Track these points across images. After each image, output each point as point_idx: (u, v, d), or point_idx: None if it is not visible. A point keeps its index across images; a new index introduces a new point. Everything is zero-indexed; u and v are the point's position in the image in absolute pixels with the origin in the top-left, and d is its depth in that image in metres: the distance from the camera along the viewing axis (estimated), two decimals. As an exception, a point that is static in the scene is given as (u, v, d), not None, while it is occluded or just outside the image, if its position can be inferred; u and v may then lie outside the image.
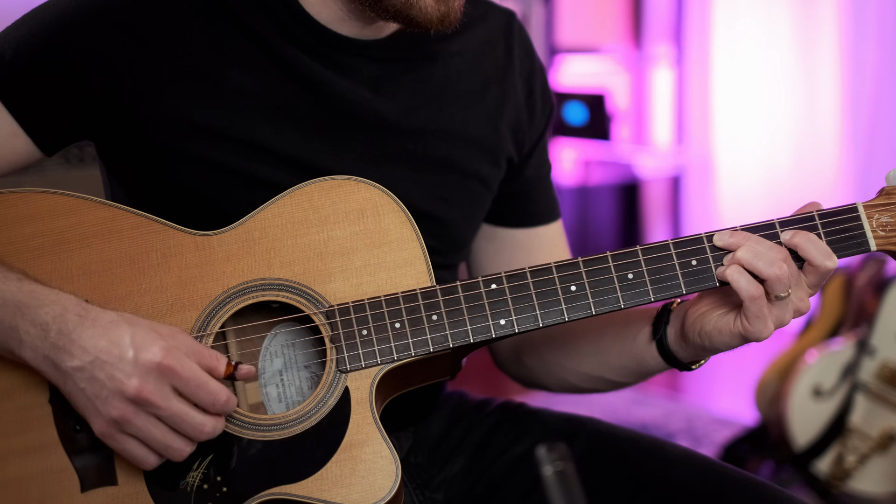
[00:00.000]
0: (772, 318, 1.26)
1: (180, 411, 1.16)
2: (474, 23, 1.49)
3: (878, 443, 2.92)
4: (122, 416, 1.15)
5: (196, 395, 1.17)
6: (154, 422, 1.17)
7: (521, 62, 1.52)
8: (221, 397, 1.18)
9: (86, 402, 1.17)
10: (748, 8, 5.25)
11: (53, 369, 1.18)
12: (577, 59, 5.42)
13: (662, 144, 5.72)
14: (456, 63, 1.46)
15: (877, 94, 4.87)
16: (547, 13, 4.97)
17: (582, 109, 5.07)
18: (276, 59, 1.36)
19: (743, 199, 5.33)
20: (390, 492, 1.23)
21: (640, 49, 5.70)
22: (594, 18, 5.63)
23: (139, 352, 1.15)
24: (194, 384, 1.17)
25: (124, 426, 1.16)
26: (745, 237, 1.26)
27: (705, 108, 5.46)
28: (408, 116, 1.41)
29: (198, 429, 1.17)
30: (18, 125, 1.33)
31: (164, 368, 1.15)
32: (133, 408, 1.15)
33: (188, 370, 1.16)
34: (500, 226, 1.57)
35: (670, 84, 5.66)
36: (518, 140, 1.51)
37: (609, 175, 5.43)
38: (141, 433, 1.17)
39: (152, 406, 1.15)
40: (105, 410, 1.16)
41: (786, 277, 1.24)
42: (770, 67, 5.20)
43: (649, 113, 5.75)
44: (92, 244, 1.27)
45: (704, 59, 5.43)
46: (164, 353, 1.15)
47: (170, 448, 1.18)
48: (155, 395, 1.15)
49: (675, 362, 1.38)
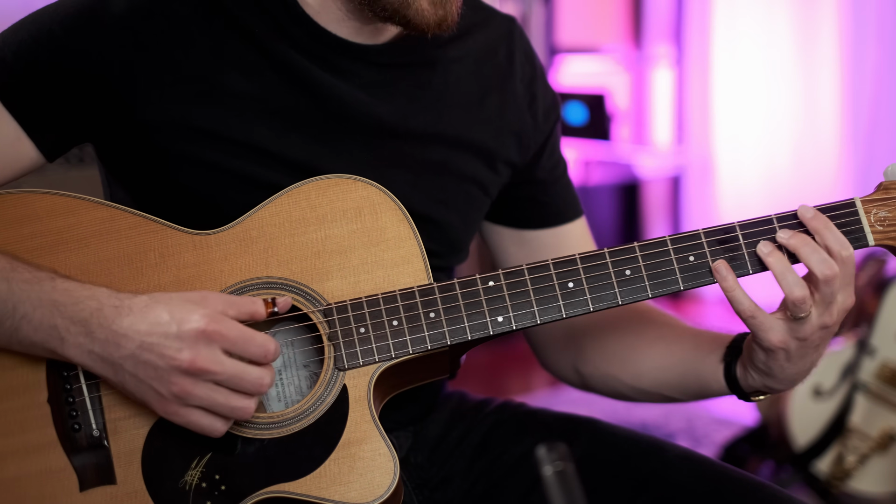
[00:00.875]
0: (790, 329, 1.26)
1: (237, 370, 1.18)
2: (475, 29, 1.49)
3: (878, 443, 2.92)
4: (182, 389, 1.17)
5: (246, 351, 1.18)
6: (213, 387, 1.18)
7: (522, 68, 1.52)
8: (271, 347, 1.20)
9: (142, 387, 1.18)
10: (748, 8, 5.25)
11: (101, 363, 1.19)
12: (577, 59, 5.42)
13: (662, 144, 5.72)
14: (456, 69, 1.46)
15: (877, 94, 4.87)
16: (547, 13, 4.97)
17: (582, 109, 5.07)
18: (274, 61, 1.36)
19: (743, 199, 5.32)
20: (388, 489, 1.23)
21: (640, 49, 5.70)
22: (594, 18, 5.63)
23: (182, 324, 1.16)
24: (242, 341, 1.18)
25: (186, 399, 1.17)
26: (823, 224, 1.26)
27: (705, 108, 5.45)
28: (406, 121, 1.41)
29: (258, 383, 1.19)
30: (22, 130, 1.33)
31: (209, 334, 1.17)
32: (191, 379, 1.17)
33: (233, 329, 1.18)
34: (526, 229, 1.58)
35: (670, 84, 5.66)
36: (522, 145, 1.51)
37: (609, 175, 5.42)
38: (204, 402, 1.18)
39: (208, 373, 1.17)
40: (164, 388, 1.17)
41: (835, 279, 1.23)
42: (770, 67, 5.20)
43: (649, 113, 5.75)
44: (90, 244, 1.27)
45: (704, 59, 5.43)
46: (206, 320, 1.17)
47: (235, 409, 1.19)
48: (208, 362, 1.16)
49: (736, 388, 1.38)
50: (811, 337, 1.26)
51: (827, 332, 1.27)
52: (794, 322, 1.25)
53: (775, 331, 1.26)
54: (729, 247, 1.28)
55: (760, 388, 1.35)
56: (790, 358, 1.28)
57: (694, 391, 1.44)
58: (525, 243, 1.57)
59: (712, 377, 1.39)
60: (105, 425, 1.25)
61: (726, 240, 1.28)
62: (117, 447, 1.24)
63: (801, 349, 1.27)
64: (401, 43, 1.41)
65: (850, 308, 1.27)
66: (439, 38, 1.43)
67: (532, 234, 1.57)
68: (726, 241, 1.28)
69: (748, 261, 1.28)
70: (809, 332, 1.26)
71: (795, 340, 1.26)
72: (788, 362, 1.28)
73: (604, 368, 1.52)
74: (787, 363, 1.29)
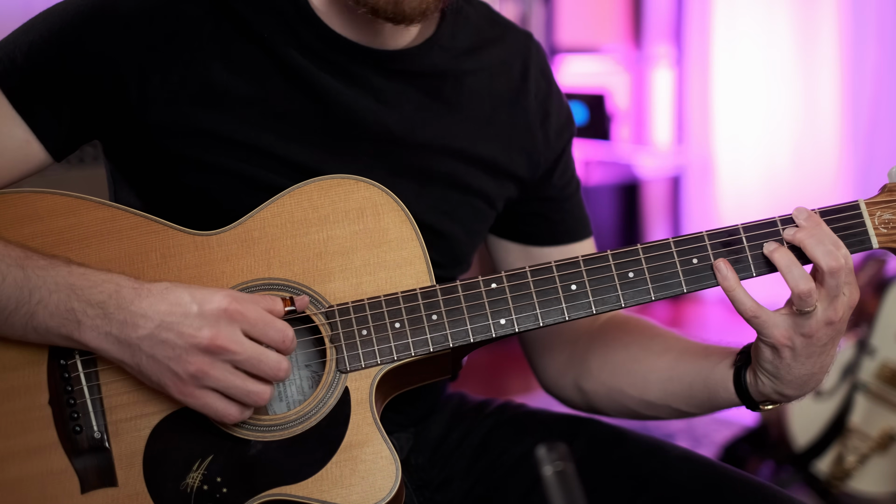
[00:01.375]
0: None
1: (256, 352, 1.18)
2: (491, 43, 1.48)
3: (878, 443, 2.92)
4: (200, 368, 1.17)
5: (266, 335, 1.19)
6: (231, 369, 1.18)
7: (537, 84, 1.51)
8: (289, 333, 1.20)
9: (158, 367, 1.18)
10: (748, 8, 5.25)
11: (118, 345, 1.18)
12: (577, 59, 5.42)
13: (662, 144, 5.72)
14: (469, 81, 1.45)
15: (877, 94, 4.87)
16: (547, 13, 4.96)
17: (582, 109, 5.07)
18: (282, 66, 1.35)
19: (743, 199, 5.32)
20: (390, 492, 1.22)
21: (640, 49, 5.70)
22: (594, 18, 5.63)
23: (203, 304, 1.17)
24: (262, 323, 1.18)
25: (203, 379, 1.17)
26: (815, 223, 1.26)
27: (705, 108, 5.45)
28: (413, 131, 1.40)
29: (275, 367, 1.19)
30: (31, 132, 1.32)
31: (231, 313, 1.17)
32: (209, 358, 1.17)
33: (254, 311, 1.18)
34: (533, 245, 1.57)
35: (670, 84, 5.66)
36: (532, 162, 1.50)
37: (609, 175, 5.42)
38: (220, 383, 1.18)
39: (228, 352, 1.17)
40: (181, 368, 1.17)
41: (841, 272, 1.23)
42: (770, 67, 5.20)
43: (649, 113, 5.75)
44: (91, 244, 1.27)
45: (704, 59, 5.43)
46: (228, 300, 1.17)
47: (251, 393, 1.19)
48: (229, 341, 1.16)
49: (746, 398, 1.36)
50: (817, 333, 1.25)
51: (832, 330, 1.26)
52: (799, 317, 1.25)
53: (779, 327, 1.25)
54: (732, 249, 1.28)
55: (770, 395, 1.33)
56: (797, 356, 1.27)
57: (701, 401, 1.42)
58: (531, 259, 1.55)
59: (721, 385, 1.38)
60: (106, 427, 1.24)
61: (730, 242, 1.28)
62: (119, 449, 1.24)
63: (807, 347, 1.26)
64: (414, 51, 1.40)
65: (855, 304, 1.27)
66: (452, 50, 1.42)
67: (539, 250, 1.56)
68: (730, 243, 1.28)
69: (752, 263, 1.28)
70: (815, 327, 1.25)
71: (801, 337, 1.26)
72: (795, 361, 1.28)
73: (609, 382, 1.50)
74: (794, 362, 1.28)
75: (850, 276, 1.25)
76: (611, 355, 1.50)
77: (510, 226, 1.56)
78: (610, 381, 1.50)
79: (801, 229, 1.26)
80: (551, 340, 1.56)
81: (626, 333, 1.51)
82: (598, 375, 1.51)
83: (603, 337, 1.52)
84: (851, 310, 1.27)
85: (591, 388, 1.52)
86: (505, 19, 1.53)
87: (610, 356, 1.50)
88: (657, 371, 1.46)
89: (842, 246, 1.25)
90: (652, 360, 1.47)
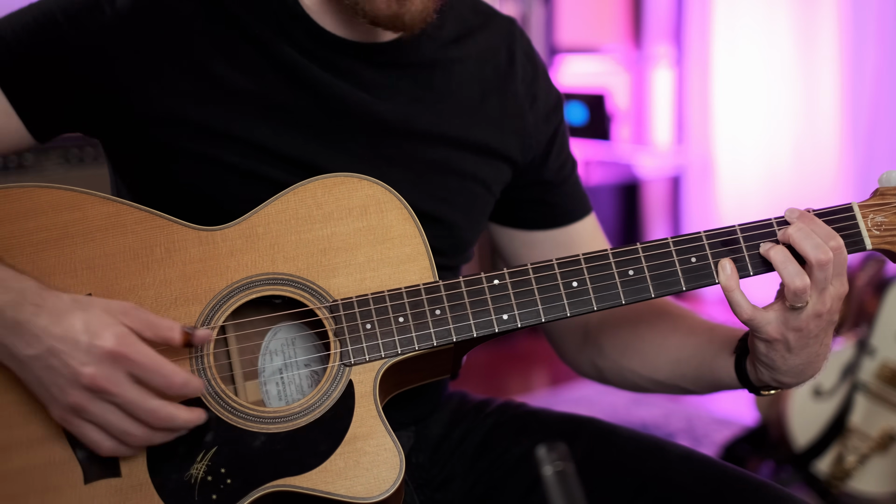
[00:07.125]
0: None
1: (134, 398, 1.16)
2: (475, 30, 1.50)
3: (878, 443, 2.92)
4: (78, 403, 1.15)
5: (151, 380, 1.16)
6: (110, 408, 1.16)
7: (523, 68, 1.53)
8: (176, 380, 1.16)
9: (42, 389, 1.17)
10: (748, 8, 5.25)
11: (10, 357, 1.18)
12: (577, 59, 5.42)
13: (662, 144, 5.72)
14: (457, 70, 1.47)
15: (877, 94, 4.87)
16: (547, 13, 4.97)
17: (582, 109, 5.07)
18: (274, 60, 1.36)
19: (743, 199, 5.33)
20: (394, 484, 1.23)
21: (640, 49, 5.71)
22: (594, 18, 5.63)
23: (93, 338, 1.14)
24: (149, 369, 1.16)
25: (81, 413, 1.16)
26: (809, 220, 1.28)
27: (705, 108, 5.46)
28: (408, 121, 1.41)
29: (152, 414, 1.16)
30: (12, 107, 1.34)
31: (116, 355, 1.14)
32: (88, 395, 1.15)
33: (141, 355, 1.15)
34: (537, 230, 1.58)
35: (670, 84, 5.66)
36: (525, 145, 1.52)
37: (609, 175, 5.42)
38: (97, 419, 1.17)
39: (107, 393, 1.15)
40: (62, 398, 1.16)
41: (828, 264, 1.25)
42: (770, 67, 5.20)
43: (649, 113, 5.75)
44: (95, 239, 1.28)
45: (704, 59, 5.43)
46: (116, 340, 1.15)
47: (126, 434, 1.17)
48: (109, 383, 1.15)
49: (747, 382, 1.40)
50: (807, 326, 1.28)
51: (822, 321, 1.29)
52: (790, 313, 1.27)
53: (771, 323, 1.28)
54: (730, 248, 1.31)
55: (770, 383, 1.36)
56: (790, 349, 1.30)
57: (709, 383, 1.46)
58: (536, 245, 1.58)
59: (724, 371, 1.41)
60: (109, 418, 1.24)
61: (727, 241, 1.31)
62: (122, 441, 1.24)
63: (799, 339, 1.29)
64: (401, 43, 1.42)
65: (843, 296, 1.29)
66: (439, 40, 1.44)
67: (542, 234, 1.58)
68: (727, 242, 1.31)
69: (749, 262, 1.31)
70: (805, 321, 1.28)
71: (792, 331, 1.28)
72: (789, 353, 1.30)
73: (620, 361, 1.54)
74: (789, 354, 1.31)
75: (839, 268, 1.27)
76: (620, 336, 1.54)
77: (510, 213, 1.57)
78: (621, 360, 1.54)
79: (791, 225, 1.28)
80: (566, 321, 1.57)
81: (637, 313, 1.54)
82: (609, 354, 1.55)
83: (614, 317, 1.54)
84: (840, 301, 1.29)
85: (604, 366, 1.56)
86: (487, 6, 1.55)
87: (620, 337, 1.53)
88: (665, 352, 1.49)
89: (835, 236, 1.27)
90: (659, 341, 1.50)
